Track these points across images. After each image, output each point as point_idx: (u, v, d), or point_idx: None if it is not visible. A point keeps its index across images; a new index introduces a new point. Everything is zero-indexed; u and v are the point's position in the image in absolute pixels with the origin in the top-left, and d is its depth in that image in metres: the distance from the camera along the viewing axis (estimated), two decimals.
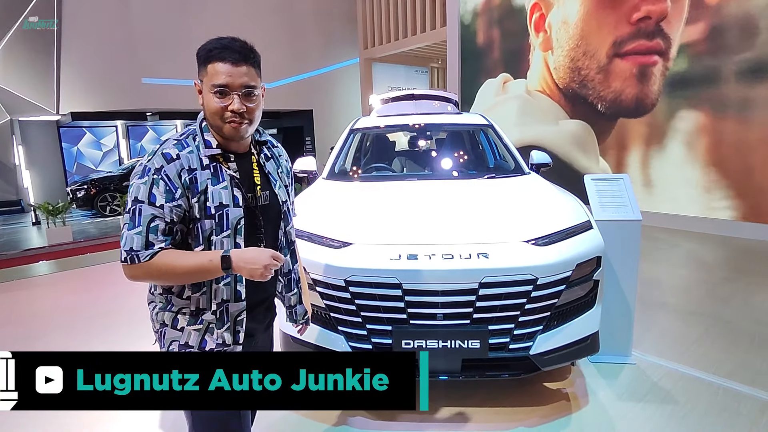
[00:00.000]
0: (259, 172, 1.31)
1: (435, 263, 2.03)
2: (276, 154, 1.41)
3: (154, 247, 1.13)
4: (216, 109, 1.18)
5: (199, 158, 1.20)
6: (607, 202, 2.75)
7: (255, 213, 1.27)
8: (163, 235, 1.14)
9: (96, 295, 4.30)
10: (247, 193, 1.25)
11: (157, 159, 1.16)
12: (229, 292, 1.23)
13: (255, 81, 1.21)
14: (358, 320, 2.09)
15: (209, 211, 1.18)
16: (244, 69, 1.18)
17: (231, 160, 1.25)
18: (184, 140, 1.22)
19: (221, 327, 1.23)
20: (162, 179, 1.14)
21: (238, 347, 1.26)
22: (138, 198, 1.14)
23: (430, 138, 4.30)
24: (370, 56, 13.49)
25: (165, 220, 1.14)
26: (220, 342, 1.23)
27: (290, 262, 1.43)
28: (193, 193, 1.17)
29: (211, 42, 1.19)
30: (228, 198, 1.21)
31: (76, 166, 12.90)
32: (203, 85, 1.21)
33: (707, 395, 2.41)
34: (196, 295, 1.22)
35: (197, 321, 1.23)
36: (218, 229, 1.19)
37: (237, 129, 1.20)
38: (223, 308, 1.22)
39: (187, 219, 1.19)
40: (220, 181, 1.20)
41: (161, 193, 1.14)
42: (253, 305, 1.33)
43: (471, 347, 2.00)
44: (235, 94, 1.17)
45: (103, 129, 13.34)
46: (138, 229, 1.13)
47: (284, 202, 1.37)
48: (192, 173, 1.17)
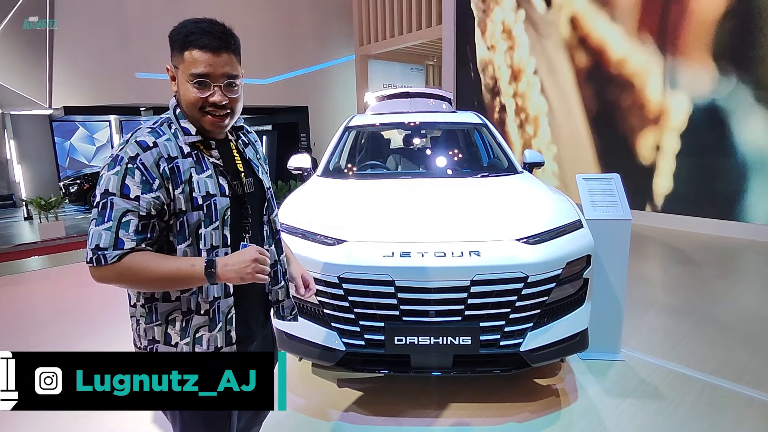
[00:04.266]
0: (240, 158, 1.24)
1: (427, 261, 2.05)
2: (252, 140, 1.35)
3: (124, 245, 1.02)
4: (194, 100, 1.10)
5: (178, 146, 1.11)
6: (598, 201, 2.78)
7: (242, 201, 1.20)
8: (136, 233, 1.04)
9: (88, 291, 4.30)
10: (232, 181, 1.18)
11: (131, 147, 1.06)
12: (219, 288, 1.15)
13: (236, 70, 1.13)
14: (351, 317, 2.11)
15: (196, 201, 1.10)
16: (225, 57, 1.09)
17: (212, 147, 1.17)
18: (158, 128, 1.12)
19: (213, 329, 1.15)
20: (138, 168, 1.04)
21: (232, 347, 1.19)
22: (109, 190, 1.03)
23: (425, 136, 4.33)
24: (365, 53, 13.46)
25: (139, 213, 1.04)
26: (212, 349, 1.15)
27: (275, 253, 1.34)
28: (175, 184, 1.08)
29: (187, 25, 1.09)
30: (214, 187, 1.13)
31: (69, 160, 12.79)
32: (179, 73, 1.11)
33: (694, 391, 2.46)
34: (186, 295, 1.13)
35: (186, 334, 1.14)
36: (207, 221, 1.11)
37: (218, 123, 1.14)
38: (215, 306, 1.14)
39: (168, 213, 1.09)
40: (204, 170, 1.13)
41: (137, 184, 1.04)
42: (249, 306, 1.27)
43: (462, 343, 2.03)
44: (216, 86, 1.10)
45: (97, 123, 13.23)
46: (107, 224, 1.02)
47: (268, 188, 1.31)
48: (172, 162, 1.08)
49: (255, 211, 1.26)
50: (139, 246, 1.05)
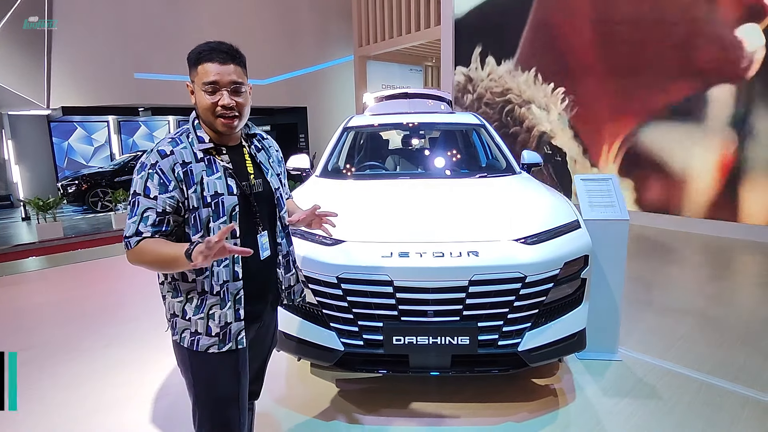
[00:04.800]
0: (251, 162, 1.44)
1: (426, 261, 2.06)
2: (266, 146, 1.54)
3: (141, 235, 1.25)
4: (207, 105, 1.30)
5: (193, 152, 1.32)
6: (596, 201, 2.80)
7: (249, 200, 1.38)
8: (152, 226, 1.26)
9: (87, 292, 4.27)
10: (241, 182, 1.37)
11: (153, 156, 1.29)
12: (228, 273, 1.34)
13: (242, 78, 1.34)
14: (350, 317, 2.11)
15: (206, 200, 1.30)
16: (232, 68, 1.31)
17: (223, 153, 1.37)
18: (178, 138, 1.34)
19: (224, 307, 1.34)
20: (156, 173, 1.27)
21: (240, 323, 1.36)
22: (136, 191, 1.28)
23: (423, 137, 4.34)
24: (364, 54, 13.47)
25: (157, 210, 1.26)
26: (222, 324, 1.34)
27: (286, 245, 1.54)
28: (188, 185, 1.29)
29: (200, 46, 1.32)
30: (222, 187, 1.32)
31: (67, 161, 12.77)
32: (194, 85, 1.33)
33: (691, 391, 2.47)
34: (200, 278, 1.33)
35: (200, 310, 1.33)
36: (215, 216, 1.31)
37: (229, 124, 1.32)
38: (225, 288, 1.34)
39: (183, 209, 1.30)
40: (215, 172, 1.32)
41: (155, 186, 1.26)
42: (261, 288, 1.46)
43: (461, 343, 2.04)
44: (224, 90, 1.30)
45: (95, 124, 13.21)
46: (134, 218, 1.26)
47: (276, 188, 1.48)
48: (186, 166, 1.29)
49: (264, 208, 1.45)
50: (153, 237, 1.26)
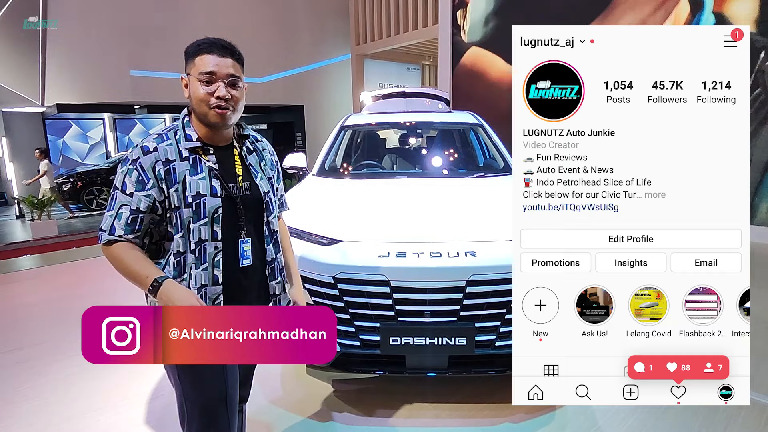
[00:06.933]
0: (240, 164, 1.38)
1: (423, 261, 2.05)
2: (259, 148, 1.47)
3: (115, 232, 1.23)
4: (202, 95, 1.25)
5: (178, 150, 1.28)
6: None
7: (235, 203, 1.33)
8: (126, 224, 1.23)
9: (81, 291, 4.24)
10: (228, 184, 1.32)
11: (136, 151, 1.26)
12: (206, 276, 1.29)
13: (239, 73, 1.31)
14: (346, 317, 2.10)
15: (187, 200, 1.26)
16: (230, 61, 1.28)
17: (210, 153, 1.32)
18: (165, 134, 1.30)
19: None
20: (136, 170, 1.24)
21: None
22: (116, 185, 1.26)
23: (421, 136, 4.33)
24: (361, 52, 13.44)
25: (131, 207, 1.23)
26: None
27: (273, 251, 1.46)
28: (170, 184, 1.25)
29: (198, 40, 1.30)
30: (205, 188, 1.28)
31: (62, 159, 12.72)
32: (190, 77, 1.28)
33: None
34: (177, 279, 1.29)
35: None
36: (195, 217, 1.27)
37: (222, 114, 1.27)
38: (202, 292, 1.29)
39: (161, 208, 1.26)
40: (198, 172, 1.28)
41: (132, 183, 1.23)
42: (244, 294, 1.38)
43: (458, 344, 2.03)
44: (221, 81, 1.26)
45: (90, 121, 13.14)
46: (111, 212, 1.25)
47: (266, 193, 1.41)
48: (169, 164, 1.25)
49: (251, 212, 1.38)
50: (126, 235, 1.23)
